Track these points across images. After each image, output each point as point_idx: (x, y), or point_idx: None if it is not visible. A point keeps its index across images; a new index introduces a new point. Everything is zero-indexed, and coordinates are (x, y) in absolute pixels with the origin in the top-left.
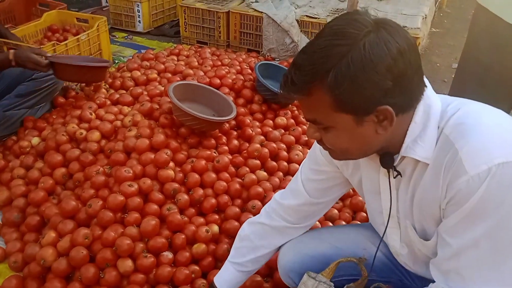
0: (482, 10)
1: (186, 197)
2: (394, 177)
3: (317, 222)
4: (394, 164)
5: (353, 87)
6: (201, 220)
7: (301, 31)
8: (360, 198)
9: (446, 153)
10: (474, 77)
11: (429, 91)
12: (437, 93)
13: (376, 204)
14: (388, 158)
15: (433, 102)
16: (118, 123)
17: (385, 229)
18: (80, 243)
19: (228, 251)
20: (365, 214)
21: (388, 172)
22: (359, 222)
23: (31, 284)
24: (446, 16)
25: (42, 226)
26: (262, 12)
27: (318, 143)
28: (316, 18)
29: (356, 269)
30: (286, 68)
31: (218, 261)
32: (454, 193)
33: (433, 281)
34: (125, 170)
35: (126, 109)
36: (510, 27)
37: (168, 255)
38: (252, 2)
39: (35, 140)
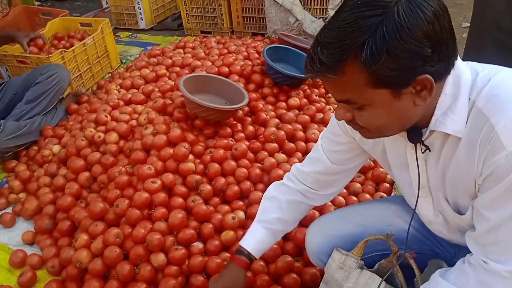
0: None
1: (209, 187)
2: (422, 152)
3: (342, 198)
4: (422, 139)
5: (391, 60)
6: (226, 208)
7: (304, 8)
8: (382, 169)
9: (480, 128)
10: (495, 41)
11: (458, 59)
12: None
13: (404, 176)
14: (416, 132)
15: (462, 72)
16: (134, 122)
17: (417, 200)
18: (112, 243)
19: None
20: (388, 185)
21: (415, 146)
22: (384, 194)
23: (71, 286)
24: None
25: (74, 230)
26: None
27: (348, 123)
28: None
29: (385, 244)
30: (294, 49)
31: None
32: (492, 169)
33: (469, 250)
34: (146, 168)
35: (139, 107)
36: None
37: (198, 245)
38: None
39: (56, 148)
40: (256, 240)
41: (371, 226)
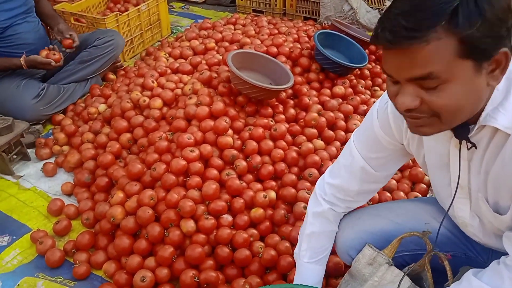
0: None
1: (244, 163)
2: (469, 149)
3: (376, 194)
4: (469, 135)
5: (483, 24)
6: (259, 186)
7: None
8: (420, 169)
9: None
10: None
11: None
12: None
13: (444, 177)
14: (463, 128)
15: None
16: (179, 91)
17: (452, 200)
18: (146, 204)
19: (285, 216)
20: (425, 186)
21: (460, 143)
22: (419, 194)
23: (102, 239)
24: None
25: (111, 187)
26: None
27: (409, 114)
28: None
29: (418, 244)
30: (346, 37)
31: (275, 226)
32: None
33: (504, 253)
34: (186, 136)
35: (186, 77)
36: None
37: (227, 218)
38: None
39: (102, 107)
40: (319, 278)
41: (404, 225)
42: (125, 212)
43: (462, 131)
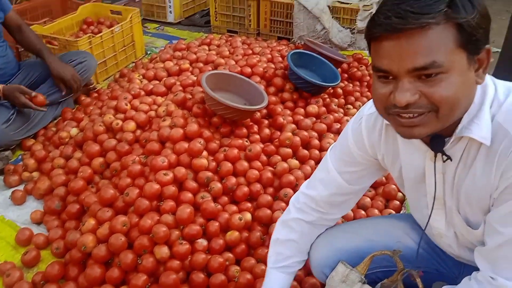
0: None
1: (219, 185)
2: (444, 161)
3: (350, 211)
4: (444, 148)
5: (478, 15)
6: (234, 208)
7: (332, 17)
8: (393, 187)
9: (500, 140)
10: None
11: None
12: None
13: (420, 189)
14: (439, 140)
15: (488, 81)
16: (153, 113)
17: (430, 213)
18: (118, 230)
19: (261, 238)
20: (398, 203)
21: (435, 156)
22: (392, 211)
23: (73, 269)
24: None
25: (82, 213)
26: None
27: (403, 112)
28: (348, 3)
29: (390, 261)
30: (318, 57)
31: (251, 248)
32: (509, 183)
33: (476, 268)
34: (160, 160)
35: (160, 99)
36: None
37: (202, 242)
38: None
39: (74, 131)
40: (280, 285)
41: (378, 242)
42: (96, 240)
43: (438, 144)
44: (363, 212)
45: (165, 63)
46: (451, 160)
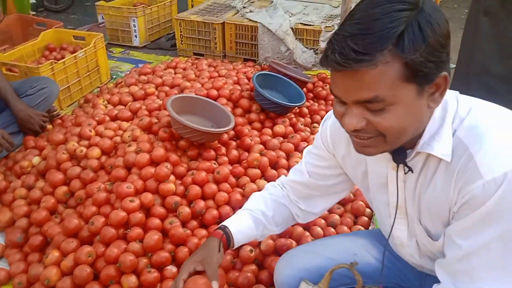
0: (486, 15)
1: (187, 210)
2: (405, 173)
3: (320, 229)
4: (406, 160)
5: (427, 50)
6: (204, 232)
7: (296, 38)
8: (361, 203)
9: (460, 156)
10: (482, 85)
11: None
12: None
13: (382, 196)
14: (401, 153)
15: (449, 97)
16: (118, 138)
17: (393, 222)
18: (83, 261)
19: (232, 262)
20: (366, 219)
21: (397, 167)
22: (362, 227)
23: None
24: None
25: (46, 246)
26: (256, 21)
27: (356, 135)
28: (310, 25)
29: (352, 277)
30: (283, 78)
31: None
32: (468, 198)
33: (437, 280)
34: (126, 186)
35: (125, 124)
36: None
37: (172, 269)
38: (247, 12)
39: (36, 160)
40: (237, 221)
41: (338, 259)
42: (61, 273)
43: (399, 156)
44: (332, 229)
45: (130, 88)
46: (412, 172)
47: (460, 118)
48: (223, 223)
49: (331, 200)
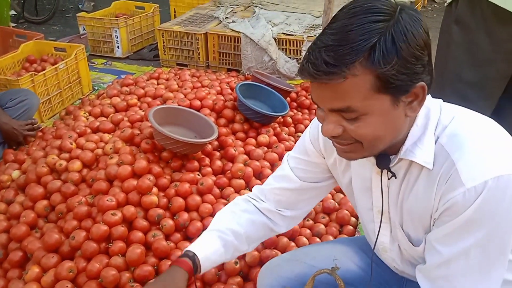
0: (457, 24)
1: (171, 222)
2: (389, 178)
3: (305, 239)
4: (390, 165)
5: (399, 62)
6: (187, 244)
7: (278, 48)
8: (346, 212)
9: (442, 163)
10: (455, 92)
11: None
12: None
13: (366, 201)
14: (385, 158)
15: (432, 105)
16: (99, 151)
17: (379, 227)
18: (64, 277)
19: (216, 274)
20: (352, 228)
21: (381, 172)
22: (346, 236)
23: None
24: None
25: (26, 261)
26: (239, 32)
27: (335, 140)
28: (292, 35)
29: (335, 285)
30: (266, 87)
31: (206, 285)
32: (449, 205)
33: (418, 286)
34: (107, 199)
35: (107, 136)
36: (491, 41)
37: None
38: (229, 23)
39: (16, 174)
40: (203, 244)
41: (319, 266)
42: None
43: (383, 161)
44: (318, 239)
45: (112, 99)
46: (395, 177)
47: (443, 126)
48: (190, 249)
49: (316, 201)
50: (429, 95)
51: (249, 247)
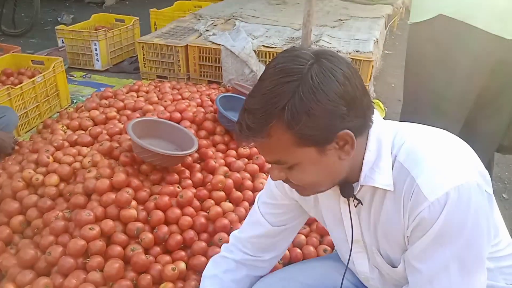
0: (430, 42)
1: (150, 235)
2: (355, 206)
3: (286, 251)
4: (354, 193)
5: (310, 119)
6: (167, 258)
7: (259, 60)
8: None
9: (403, 181)
10: (435, 108)
11: (377, 117)
12: (394, 112)
13: (340, 233)
14: (348, 187)
15: (383, 128)
16: (77, 164)
17: (349, 255)
18: None
19: (197, 287)
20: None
21: (348, 200)
22: (328, 247)
23: None
24: (398, 38)
25: (0, 279)
26: (220, 44)
27: (285, 182)
28: (272, 47)
29: None
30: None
31: None
32: (418, 221)
33: None
34: (85, 213)
35: (85, 149)
36: (468, 54)
37: None
38: (210, 35)
39: None
40: None
41: (313, 285)
42: None
43: (346, 190)
44: (298, 250)
45: (90, 112)
46: (361, 204)
47: (399, 145)
48: None
49: (294, 235)
50: (379, 116)
51: None
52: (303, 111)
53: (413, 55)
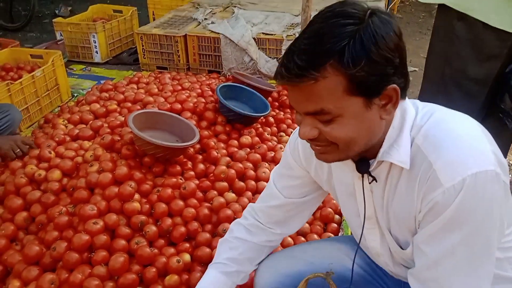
0: (458, 19)
1: (154, 228)
2: (370, 183)
3: (290, 239)
4: (370, 169)
5: (369, 64)
6: (172, 250)
7: (258, 48)
8: (330, 210)
9: (419, 165)
10: (461, 89)
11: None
12: None
13: (352, 207)
14: (364, 163)
15: (408, 106)
16: (79, 159)
17: (362, 231)
18: None
19: None
20: (336, 225)
21: (362, 176)
22: (331, 234)
23: None
24: (399, 22)
25: (6, 275)
26: (218, 33)
27: (313, 142)
28: (272, 34)
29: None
30: (247, 88)
31: None
32: (430, 206)
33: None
34: (89, 208)
35: (86, 143)
36: (496, 35)
37: None
38: (208, 24)
39: None
40: (208, 283)
41: (319, 264)
42: None
43: (362, 166)
44: (302, 238)
45: (91, 106)
46: (376, 181)
47: (418, 126)
48: None
49: (307, 214)
50: (406, 97)
51: (249, 264)
52: (363, 54)
53: (440, 34)
